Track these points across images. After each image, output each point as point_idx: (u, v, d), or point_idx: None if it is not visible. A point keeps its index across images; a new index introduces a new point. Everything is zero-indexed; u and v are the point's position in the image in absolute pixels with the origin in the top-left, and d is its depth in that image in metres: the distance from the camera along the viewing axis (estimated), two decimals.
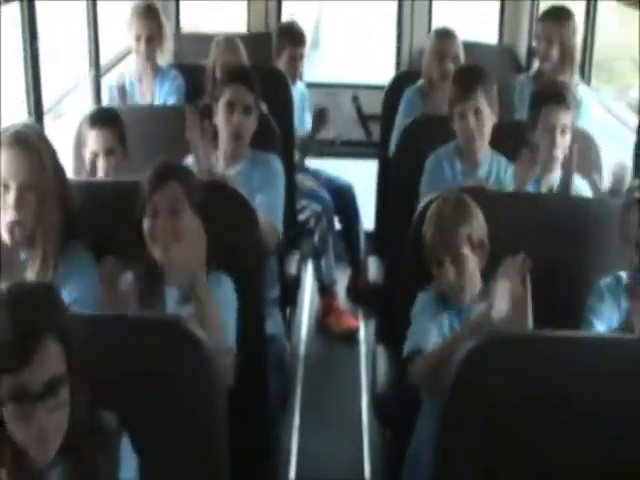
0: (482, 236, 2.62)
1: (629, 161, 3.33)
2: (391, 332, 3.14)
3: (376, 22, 7.24)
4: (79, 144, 3.47)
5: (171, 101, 4.42)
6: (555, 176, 3.33)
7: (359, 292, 5.18)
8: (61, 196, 2.48)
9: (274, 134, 3.85)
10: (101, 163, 3.30)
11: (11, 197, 2.38)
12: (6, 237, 2.39)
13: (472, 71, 3.55)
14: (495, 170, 3.46)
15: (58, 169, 2.50)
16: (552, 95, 3.34)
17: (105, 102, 4.28)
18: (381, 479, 3.62)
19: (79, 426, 1.74)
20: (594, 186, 3.39)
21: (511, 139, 3.45)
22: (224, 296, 2.56)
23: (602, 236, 2.80)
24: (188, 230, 2.49)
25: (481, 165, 3.46)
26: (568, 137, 3.31)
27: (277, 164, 3.57)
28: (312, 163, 5.24)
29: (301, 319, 5.05)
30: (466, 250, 2.56)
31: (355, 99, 5.85)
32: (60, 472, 1.75)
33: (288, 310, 4.10)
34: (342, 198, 5.12)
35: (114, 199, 2.78)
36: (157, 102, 4.44)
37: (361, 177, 5.42)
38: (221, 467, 2.12)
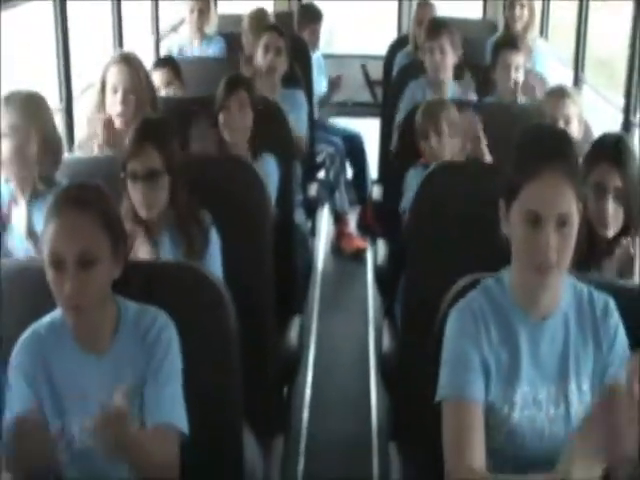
0: (456, 123, 3.68)
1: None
2: (393, 249, 4.03)
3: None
4: None
5: None
6: None
7: (367, 224, 6.19)
8: (151, 101, 3.57)
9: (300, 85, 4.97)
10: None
11: (119, 96, 3.46)
12: (118, 124, 3.45)
13: (439, 21, 4.72)
14: (458, 96, 4.54)
15: (149, 83, 3.61)
16: (507, 42, 4.47)
17: None
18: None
19: (179, 207, 2.73)
20: None
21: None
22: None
23: None
24: None
25: (446, 94, 4.53)
26: (521, 73, 4.41)
27: (301, 97, 4.70)
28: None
29: (319, 243, 6.14)
30: (444, 126, 3.64)
31: (363, 67, 6.99)
32: (169, 236, 2.78)
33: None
34: (352, 144, 6.20)
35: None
36: None
37: (369, 133, 6.50)
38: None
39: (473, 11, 7.49)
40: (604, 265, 2.51)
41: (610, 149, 2.54)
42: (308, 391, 4.38)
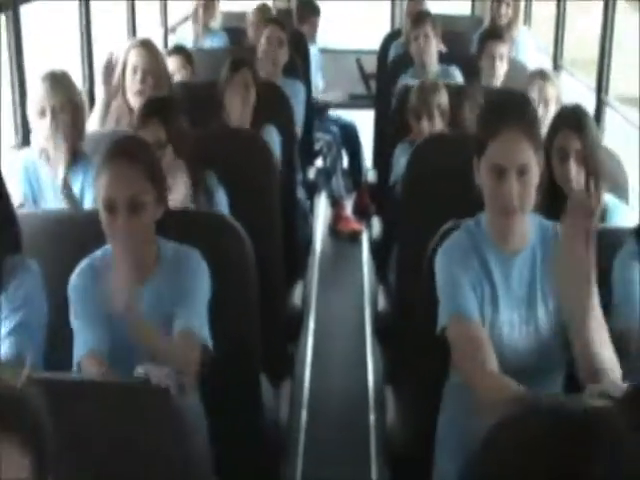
0: (445, 107, 4.05)
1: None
2: (386, 223, 4.39)
3: None
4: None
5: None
6: None
7: (363, 208, 6.55)
8: (167, 83, 3.90)
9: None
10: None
11: (138, 76, 3.75)
12: (136, 102, 3.78)
13: (423, 12, 5.14)
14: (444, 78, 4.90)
15: (165, 67, 3.96)
16: (492, 33, 4.85)
17: None
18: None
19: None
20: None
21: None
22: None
23: None
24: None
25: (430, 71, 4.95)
26: (505, 63, 4.78)
27: (300, 87, 5.08)
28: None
29: (317, 227, 6.50)
30: (436, 113, 4.01)
31: (358, 60, 7.37)
32: None
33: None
34: (347, 133, 6.59)
35: None
36: None
37: (364, 124, 6.87)
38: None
39: (462, 9, 7.92)
40: None
41: (570, 117, 2.91)
42: (310, 344, 4.82)
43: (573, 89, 5.12)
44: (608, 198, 2.97)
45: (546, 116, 3.76)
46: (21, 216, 2.45)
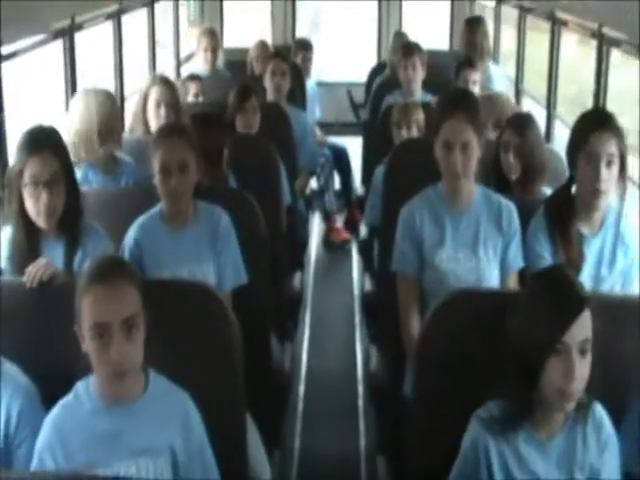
0: (421, 123, 4.77)
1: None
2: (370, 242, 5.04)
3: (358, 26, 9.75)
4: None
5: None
6: None
7: (353, 222, 7.20)
8: (180, 109, 4.61)
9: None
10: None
11: (162, 111, 4.34)
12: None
13: (411, 44, 6.02)
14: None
15: (179, 98, 4.66)
16: (465, 62, 5.63)
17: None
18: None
19: None
20: None
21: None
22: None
23: None
24: None
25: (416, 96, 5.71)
26: (477, 88, 5.54)
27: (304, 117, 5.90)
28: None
29: (312, 237, 7.26)
30: (413, 125, 4.74)
31: (348, 92, 8.16)
32: None
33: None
34: (339, 156, 7.36)
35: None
36: None
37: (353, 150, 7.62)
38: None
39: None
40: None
41: (515, 120, 3.71)
42: (308, 316, 5.81)
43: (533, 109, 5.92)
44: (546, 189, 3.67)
45: None
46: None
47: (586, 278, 3.06)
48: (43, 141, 2.84)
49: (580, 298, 2.16)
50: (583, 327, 2.13)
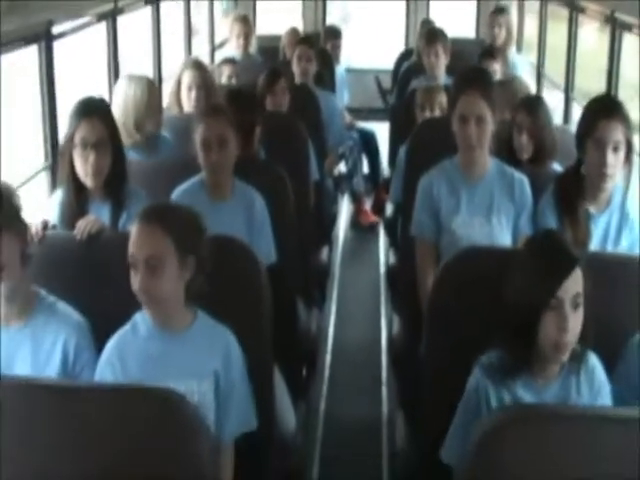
0: (444, 105, 4.97)
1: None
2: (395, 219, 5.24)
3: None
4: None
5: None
6: None
7: (381, 204, 7.41)
8: (213, 93, 4.85)
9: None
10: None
11: (193, 94, 4.61)
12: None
13: (435, 31, 6.21)
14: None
15: (213, 80, 4.88)
16: (486, 53, 5.86)
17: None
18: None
19: None
20: None
21: None
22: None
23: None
24: None
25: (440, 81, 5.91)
26: (498, 75, 5.74)
27: (333, 99, 6.11)
28: None
29: (340, 219, 7.50)
30: (436, 107, 4.96)
31: (376, 78, 8.38)
32: None
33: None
34: (367, 139, 7.60)
35: None
36: None
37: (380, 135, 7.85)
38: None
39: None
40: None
41: (526, 102, 3.93)
42: (336, 284, 6.22)
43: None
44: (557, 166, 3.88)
45: None
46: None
47: None
48: (92, 108, 3.13)
49: (571, 256, 2.34)
50: (575, 283, 2.30)
